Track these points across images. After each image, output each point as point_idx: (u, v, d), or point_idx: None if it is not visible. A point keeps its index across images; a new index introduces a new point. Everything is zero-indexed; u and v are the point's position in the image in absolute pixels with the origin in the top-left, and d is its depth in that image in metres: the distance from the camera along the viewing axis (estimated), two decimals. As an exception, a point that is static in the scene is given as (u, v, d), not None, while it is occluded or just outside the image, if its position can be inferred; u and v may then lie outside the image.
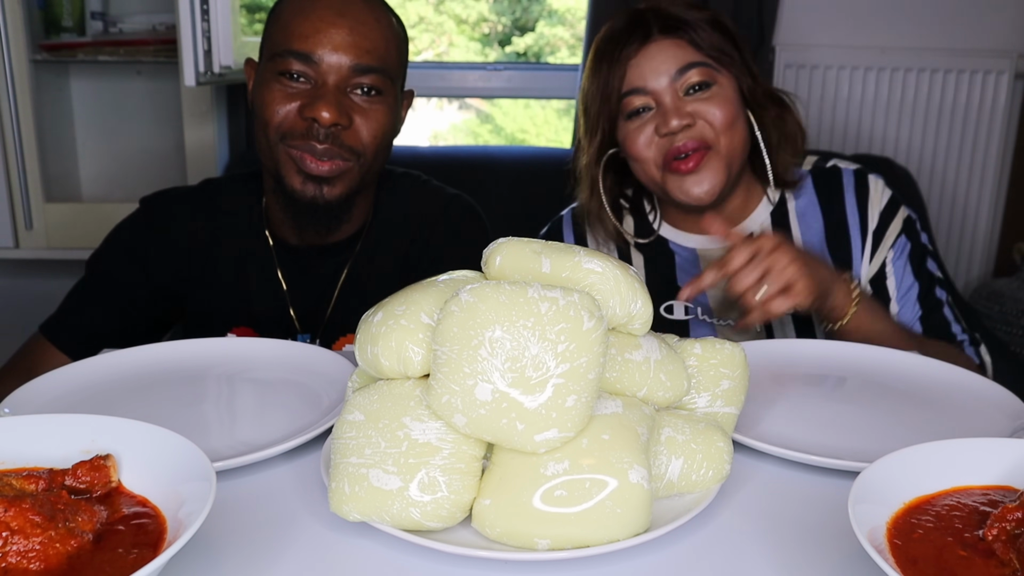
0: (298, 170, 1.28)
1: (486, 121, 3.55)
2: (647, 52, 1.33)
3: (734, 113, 1.34)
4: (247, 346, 1.15)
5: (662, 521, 0.74)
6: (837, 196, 1.42)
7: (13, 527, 0.62)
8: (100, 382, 1.04)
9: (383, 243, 1.42)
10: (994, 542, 0.66)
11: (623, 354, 0.78)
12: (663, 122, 1.32)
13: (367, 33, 1.28)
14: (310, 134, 1.26)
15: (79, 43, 2.39)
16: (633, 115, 1.35)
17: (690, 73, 1.32)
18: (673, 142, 1.32)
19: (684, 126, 1.31)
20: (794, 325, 1.40)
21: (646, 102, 1.34)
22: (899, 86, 2.67)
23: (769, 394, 1.05)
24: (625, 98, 1.34)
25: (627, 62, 1.34)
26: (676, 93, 1.33)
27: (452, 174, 1.80)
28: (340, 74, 1.27)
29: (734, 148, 1.35)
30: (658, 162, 1.35)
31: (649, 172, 1.36)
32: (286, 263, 1.41)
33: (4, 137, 2.35)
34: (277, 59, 1.28)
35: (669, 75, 1.32)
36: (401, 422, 0.73)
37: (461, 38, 3.32)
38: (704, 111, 1.32)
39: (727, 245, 1.39)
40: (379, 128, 1.30)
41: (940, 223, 2.80)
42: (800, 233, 1.42)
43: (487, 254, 0.81)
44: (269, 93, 1.28)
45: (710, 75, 1.33)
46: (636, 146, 1.35)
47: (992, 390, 1.04)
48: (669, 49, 1.33)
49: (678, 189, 1.34)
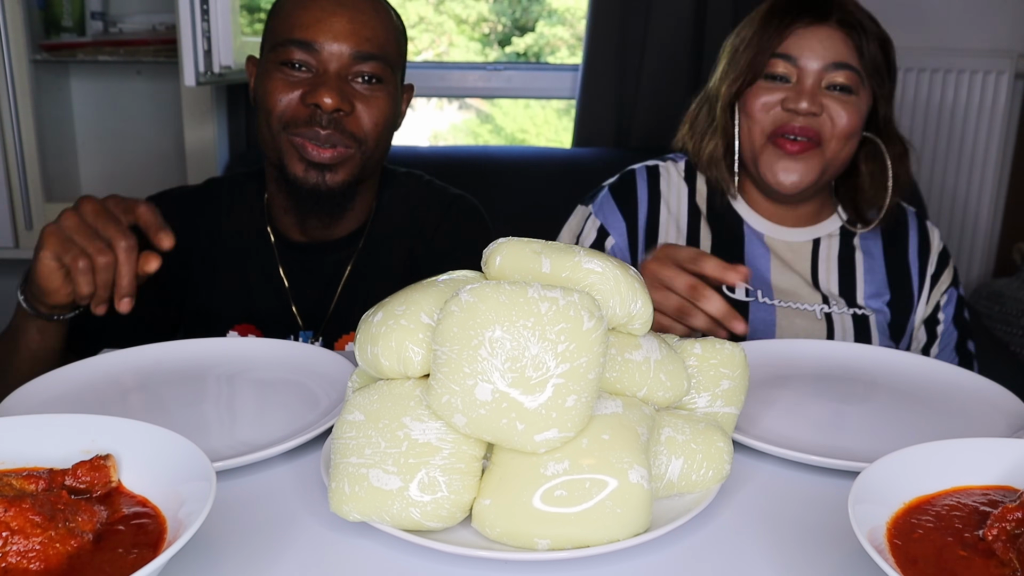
0: (300, 158, 1.30)
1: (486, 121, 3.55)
2: (816, 31, 1.33)
3: (857, 127, 1.34)
4: (247, 346, 1.15)
5: (662, 521, 0.74)
6: (901, 235, 1.45)
7: (13, 527, 0.62)
8: (100, 382, 1.04)
9: (386, 241, 1.43)
10: (994, 542, 0.66)
11: (623, 354, 0.78)
12: (795, 97, 1.31)
13: (366, 22, 1.30)
14: (312, 121, 1.27)
15: (79, 43, 2.39)
16: (772, 77, 1.35)
17: (841, 72, 1.32)
18: (791, 119, 1.32)
19: (810, 112, 1.31)
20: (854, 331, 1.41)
21: (788, 72, 1.33)
22: (899, 86, 2.67)
23: (769, 394, 1.05)
24: (773, 58, 1.34)
25: (794, 28, 1.33)
26: (819, 82, 1.33)
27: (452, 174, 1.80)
28: (341, 62, 1.29)
29: (838, 158, 1.35)
30: (767, 130, 1.34)
31: (753, 134, 1.36)
32: (288, 259, 1.42)
33: (4, 137, 2.35)
34: (279, 49, 1.30)
35: (823, 62, 1.32)
36: (401, 422, 0.73)
37: (461, 38, 3.32)
38: (833, 109, 1.32)
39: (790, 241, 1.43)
40: (380, 115, 1.32)
41: (940, 223, 2.80)
42: (862, 261, 1.44)
43: (487, 254, 0.81)
44: (271, 83, 1.30)
45: (856, 83, 1.33)
46: (755, 104, 1.35)
47: (992, 390, 1.04)
48: (837, 39, 1.33)
49: (769, 167, 1.35)
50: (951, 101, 2.69)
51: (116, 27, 2.50)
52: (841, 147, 1.34)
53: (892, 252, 1.44)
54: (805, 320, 1.37)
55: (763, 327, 1.36)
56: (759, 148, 1.36)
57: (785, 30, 1.33)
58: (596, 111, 2.52)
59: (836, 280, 1.42)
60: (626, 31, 2.47)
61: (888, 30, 1.40)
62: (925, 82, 2.67)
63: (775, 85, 1.34)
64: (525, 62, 3.24)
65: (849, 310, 1.39)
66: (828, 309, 1.38)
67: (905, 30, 2.66)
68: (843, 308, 1.39)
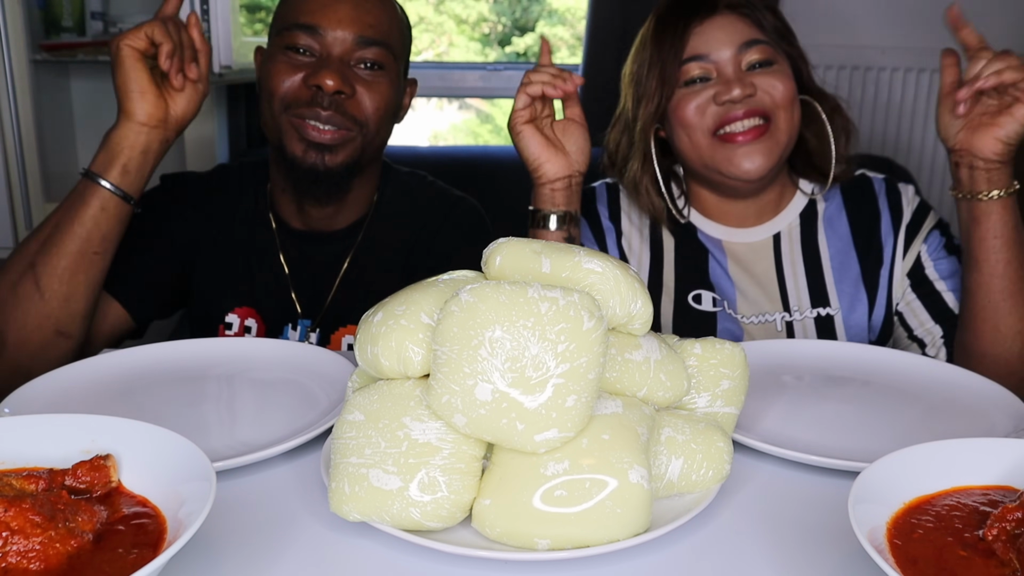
0: (300, 138, 1.31)
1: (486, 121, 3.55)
2: (712, 23, 1.32)
3: (794, 91, 1.32)
4: (247, 346, 1.15)
5: (662, 521, 0.74)
6: (869, 202, 1.41)
7: (13, 527, 0.62)
8: (100, 382, 1.04)
9: (385, 236, 1.44)
10: (994, 542, 0.66)
11: (623, 354, 0.78)
12: (725, 89, 1.29)
13: (371, 9, 1.33)
14: (314, 102, 1.29)
15: (79, 43, 2.39)
16: (690, 83, 1.32)
17: (754, 49, 1.31)
18: (731, 110, 1.29)
19: (746, 95, 1.28)
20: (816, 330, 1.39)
21: (706, 71, 1.31)
22: (899, 86, 2.67)
23: (769, 394, 1.05)
24: (685, 64, 1.32)
25: (690, 30, 1.32)
26: (739, 66, 1.31)
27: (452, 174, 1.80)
28: (344, 46, 1.31)
29: (792, 127, 1.33)
30: (710, 129, 1.31)
31: (696, 141, 1.32)
32: (288, 247, 1.44)
33: (4, 137, 2.35)
34: (284, 33, 1.32)
35: (733, 47, 1.30)
36: (401, 422, 0.73)
37: (461, 38, 3.32)
38: (766, 84, 1.30)
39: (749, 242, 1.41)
40: (382, 100, 1.34)
41: (940, 223, 2.80)
42: (826, 238, 1.41)
43: (487, 254, 0.81)
44: (275, 66, 1.33)
45: (772, 54, 1.32)
46: (687, 112, 1.31)
47: (992, 390, 1.04)
48: (735, 23, 1.32)
49: (727, 161, 1.31)
50: (951, 101, 2.69)
51: (116, 27, 2.50)
52: (790, 115, 1.32)
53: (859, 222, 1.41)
54: (766, 333, 1.36)
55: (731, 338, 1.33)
56: (708, 150, 1.32)
57: (682, 36, 1.31)
58: (596, 111, 2.52)
59: (804, 276, 1.39)
60: (626, 31, 2.47)
61: (888, 30, 1.40)
62: (925, 82, 2.67)
63: (698, 88, 1.31)
64: (525, 62, 3.24)
65: (812, 312, 1.36)
66: (789, 317, 1.36)
67: (905, 30, 2.66)
68: (805, 312, 1.36)
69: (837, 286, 1.38)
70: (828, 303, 1.37)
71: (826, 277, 1.39)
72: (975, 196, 1.23)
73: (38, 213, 2.40)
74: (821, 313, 1.37)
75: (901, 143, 2.72)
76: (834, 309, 1.37)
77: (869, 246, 1.40)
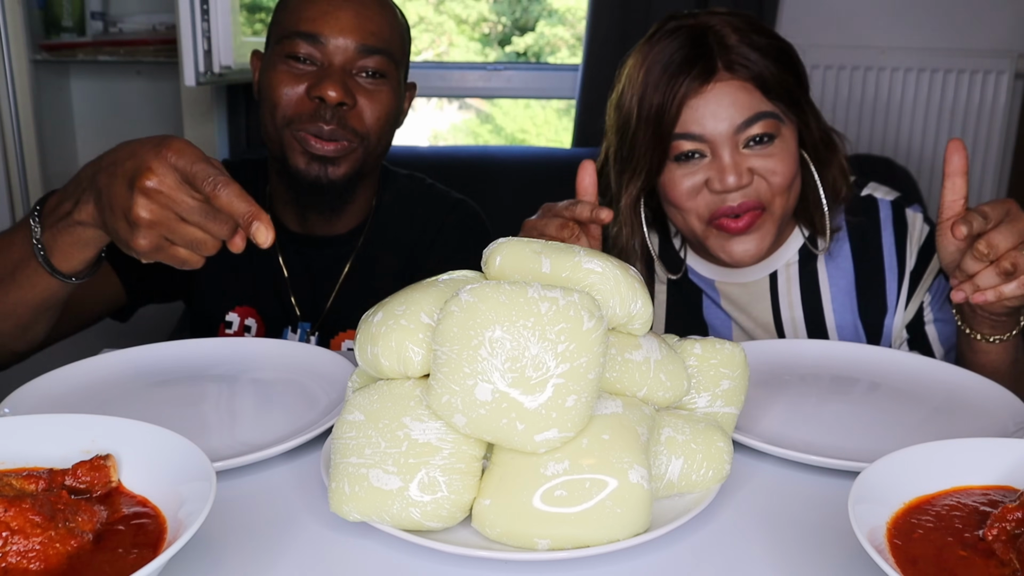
0: (303, 151, 1.31)
1: (486, 121, 3.55)
2: (709, 94, 1.17)
3: (794, 171, 1.22)
4: (247, 346, 1.15)
5: (662, 521, 0.74)
6: (873, 235, 1.32)
7: (13, 527, 0.62)
8: (100, 382, 1.04)
9: (385, 241, 1.44)
10: (994, 542, 0.66)
11: (623, 354, 0.78)
12: (718, 177, 1.18)
13: (372, 16, 1.32)
14: (317, 115, 1.29)
15: (79, 43, 2.39)
16: (682, 159, 1.20)
17: (755, 126, 1.18)
18: (724, 201, 1.19)
19: (741, 186, 1.18)
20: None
21: (700, 148, 1.19)
22: (899, 86, 2.67)
23: (769, 394, 1.05)
24: (676, 140, 1.19)
25: (684, 101, 1.18)
26: (736, 146, 1.18)
27: (452, 174, 1.80)
28: (346, 55, 1.30)
29: (788, 208, 1.24)
30: (703, 216, 1.22)
31: (690, 223, 1.24)
32: (288, 250, 1.44)
33: (4, 137, 2.35)
34: (285, 42, 1.31)
35: (732, 125, 1.17)
36: (401, 422, 0.73)
37: (461, 38, 3.32)
38: (764, 169, 1.19)
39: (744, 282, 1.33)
40: (383, 110, 1.33)
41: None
42: (827, 274, 1.33)
43: (487, 254, 0.81)
44: (276, 76, 1.31)
45: (775, 127, 1.19)
46: (680, 194, 1.21)
47: (992, 390, 1.04)
48: (735, 93, 1.17)
49: (720, 247, 1.23)
50: (951, 101, 2.69)
51: (116, 27, 2.50)
52: (786, 199, 1.22)
53: (863, 259, 1.32)
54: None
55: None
56: (701, 235, 1.24)
57: (677, 106, 1.17)
58: (596, 111, 2.52)
59: (800, 313, 1.33)
60: (626, 31, 2.47)
61: (888, 30, 1.37)
62: (925, 82, 2.67)
63: (690, 166, 1.20)
64: (525, 62, 3.24)
65: None
66: None
67: (905, 30, 2.66)
68: None
69: (838, 326, 1.32)
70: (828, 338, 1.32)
71: (826, 317, 1.33)
72: (975, 336, 1.13)
73: (38, 213, 2.40)
74: None
75: (901, 143, 2.72)
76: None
77: (872, 290, 1.32)
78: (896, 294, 1.31)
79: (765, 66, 1.18)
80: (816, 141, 1.27)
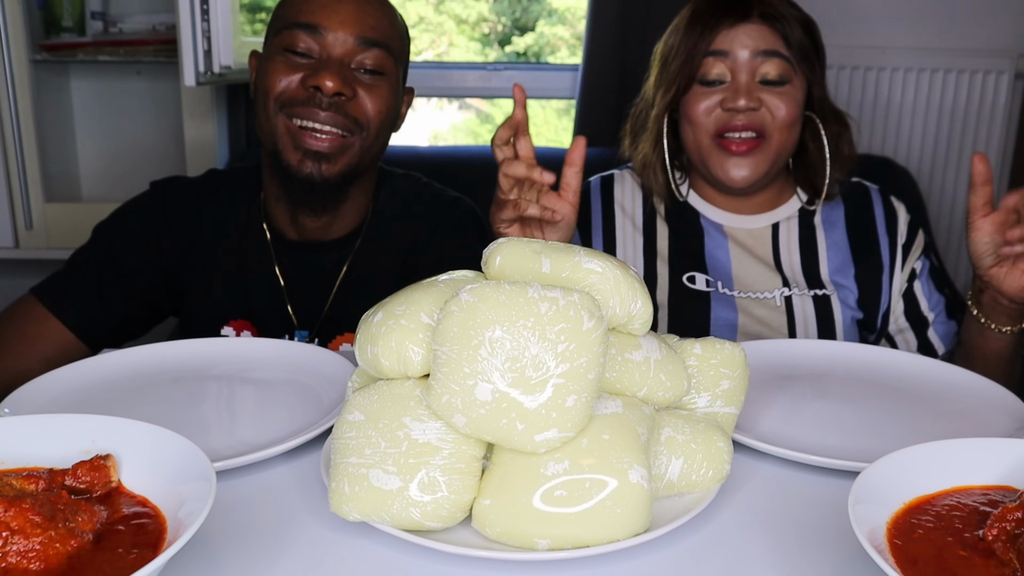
0: (296, 146, 1.28)
1: (486, 121, 3.55)
2: (740, 28, 1.37)
3: (796, 115, 1.38)
4: (247, 346, 1.15)
5: (662, 521, 0.74)
6: (865, 210, 1.48)
7: (13, 527, 0.62)
8: (100, 382, 1.04)
9: (382, 243, 1.42)
10: (994, 542, 0.66)
11: (623, 354, 0.78)
12: (732, 96, 1.35)
13: (372, 11, 1.31)
14: (312, 102, 1.27)
15: (79, 43, 2.39)
16: (707, 83, 1.38)
17: (772, 61, 1.36)
18: (733, 118, 1.36)
19: (749, 108, 1.35)
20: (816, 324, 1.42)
21: (723, 71, 1.37)
22: (899, 86, 2.67)
23: (769, 394, 1.05)
24: (707, 58, 1.37)
25: (719, 29, 1.37)
26: (752, 74, 1.36)
27: (452, 174, 1.80)
28: (345, 48, 1.29)
29: (785, 147, 1.39)
30: (711, 132, 1.38)
31: (699, 138, 1.40)
32: (283, 258, 1.41)
33: (4, 137, 2.35)
34: (283, 33, 1.29)
35: (754, 52, 1.36)
36: (401, 422, 0.73)
37: (461, 38, 3.32)
38: (771, 102, 1.36)
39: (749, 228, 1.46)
40: (383, 104, 1.32)
41: (940, 223, 2.80)
42: (824, 235, 1.46)
43: (487, 254, 0.81)
44: (273, 65, 1.30)
45: (788, 72, 1.37)
46: (697, 110, 1.38)
47: (992, 390, 1.04)
48: (762, 32, 1.37)
49: (719, 166, 1.39)
50: (951, 101, 2.69)
51: (116, 27, 2.50)
52: (785, 136, 1.38)
53: (856, 226, 1.47)
54: (764, 309, 1.40)
55: (724, 316, 1.40)
56: (706, 150, 1.40)
57: (712, 32, 1.37)
58: (596, 111, 2.52)
59: (799, 259, 1.45)
60: (626, 31, 2.47)
61: (888, 30, 1.41)
62: (925, 82, 2.67)
63: (712, 89, 1.38)
64: (525, 62, 3.24)
65: (810, 291, 1.41)
66: (788, 292, 1.41)
67: (905, 30, 2.66)
68: (803, 290, 1.41)
69: (831, 277, 1.44)
70: (822, 285, 1.43)
71: (821, 268, 1.45)
72: (990, 325, 1.25)
73: (38, 213, 2.40)
74: (818, 293, 1.41)
75: (901, 143, 2.72)
76: (830, 291, 1.42)
77: (867, 252, 1.46)
78: (890, 256, 1.45)
79: (792, 25, 1.38)
80: (826, 111, 1.44)
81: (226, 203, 1.43)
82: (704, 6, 1.41)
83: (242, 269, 1.40)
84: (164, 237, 1.39)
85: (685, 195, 1.49)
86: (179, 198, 1.42)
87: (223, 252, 1.41)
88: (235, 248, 1.41)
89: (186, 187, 1.44)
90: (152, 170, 2.60)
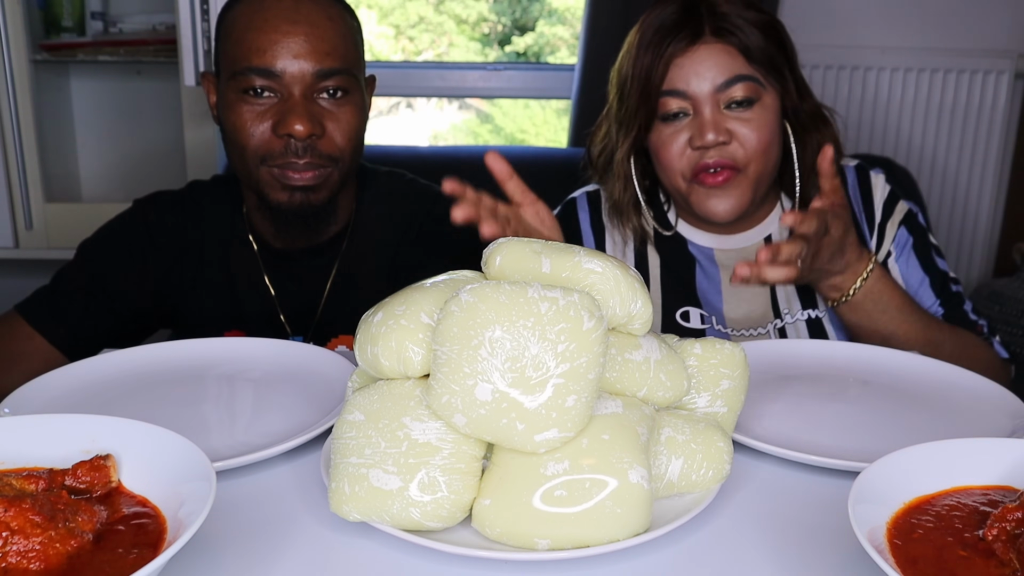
0: (283, 187, 1.29)
1: (486, 121, 3.55)
2: (694, 54, 1.27)
3: (770, 137, 1.30)
4: (247, 346, 1.15)
5: (662, 521, 0.74)
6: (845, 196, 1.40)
7: (13, 527, 0.62)
8: (100, 382, 1.04)
9: (369, 241, 1.42)
10: (994, 542, 0.66)
11: (623, 354, 0.78)
12: (699, 134, 1.27)
13: (323, 35, 1.27)
14: (288, 151, 1.26)
15: (79, 43, 2.39)
16: (669, 118, 1.30)
17: (735, 87, 1.27)
18: (704, 156, 1.28)
19: (719, 143, 1.27)
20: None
21: (684, 107, 1.28)
22: (899, 86, 2.67)
23: (769, 394, 1.05)
24: (663, 97, 1.29)
25: (671, 60, 1.27)
26: (717, 105, 1.27)
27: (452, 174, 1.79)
28: (304, 83, 1.26)
29: (764, 173, 1.31)
30: (686, 174, 1.31)
31: (675, 182, 1.33)
32: (272, 267, 1.41)
33: (4, 137, 2.34)
34: (239, 77, 1.27)
35: (714, 84, 1.26)
36: (401, 422, 0.73)
37: (461, 38, 3.32)
38: (741, 132, 1.27)
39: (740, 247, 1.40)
40: (351, 128, 1.31)
41: (940, 223, 2.80)
42: None
43: (487, 254, 0.81)
44: (238, 116, 1.27)
45: (755, 91, 1.28)
46: (668, 154, 1.31)
47: (992, 390, 1.04)
48: (718, 55, 1.27)
49: (700, 203, 1.31)
50: (951, 101, 2.69)
51: (116, 27, 2.50)
52: (762, 164, 1.30)
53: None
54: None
55: None
56: (685, 191, 1.33)
57: (664, 64, 1.27)
58: (593, 110, 2.52)
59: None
60: (623, 31, 2.47)
61: (888, 30, 1.39)
62: (925, 82, 2.67)
63: (676, 125, 1.29)
64: (525, 62, 3.24)
65: (803, 314, 1.36)
66: (781, 323, 1.36)
67: (905, 30, 2.66)
68: (796, 314, 1.36)
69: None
70: (816, 304, 1.37)
71: None
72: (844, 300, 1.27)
73: (38, 213, 2.40)
74: (811, 315, 1.37)
75: (901, 143, 2.72)
76: (822, 311, 1.37)
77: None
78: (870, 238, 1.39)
79: (750, 34, 1.27)
80: (802, 114, 1.35)
81: (210, 217, 1.42)
82: (652, 27, 1.30)
83: (231, 281, 1.40)
84: (150, 255, 1.39)
85: (674, 224, 1.42)
86: (163, 215, 1.41)
87: (211, 265, 1.40)
88: (222, 260, 1.41)
89: (169, 203, 1.43)
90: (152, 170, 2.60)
